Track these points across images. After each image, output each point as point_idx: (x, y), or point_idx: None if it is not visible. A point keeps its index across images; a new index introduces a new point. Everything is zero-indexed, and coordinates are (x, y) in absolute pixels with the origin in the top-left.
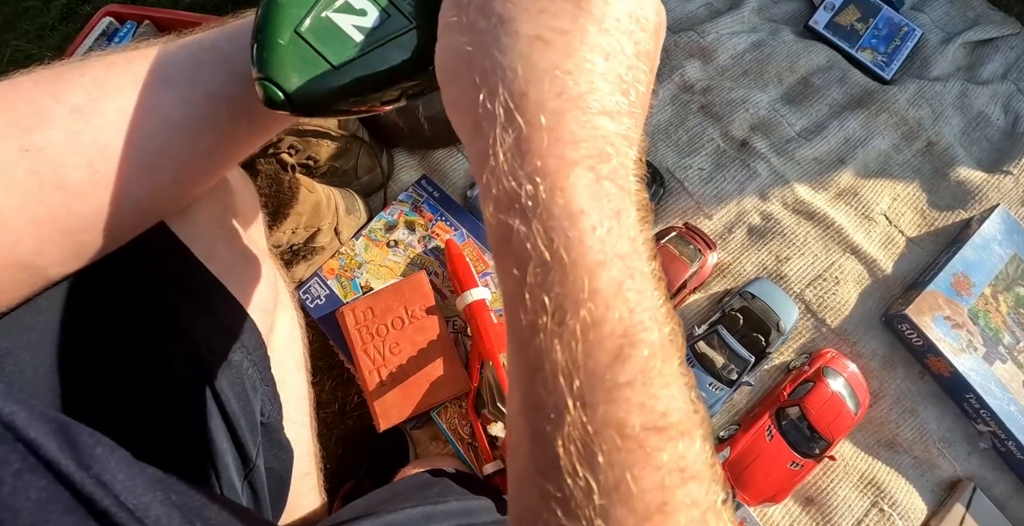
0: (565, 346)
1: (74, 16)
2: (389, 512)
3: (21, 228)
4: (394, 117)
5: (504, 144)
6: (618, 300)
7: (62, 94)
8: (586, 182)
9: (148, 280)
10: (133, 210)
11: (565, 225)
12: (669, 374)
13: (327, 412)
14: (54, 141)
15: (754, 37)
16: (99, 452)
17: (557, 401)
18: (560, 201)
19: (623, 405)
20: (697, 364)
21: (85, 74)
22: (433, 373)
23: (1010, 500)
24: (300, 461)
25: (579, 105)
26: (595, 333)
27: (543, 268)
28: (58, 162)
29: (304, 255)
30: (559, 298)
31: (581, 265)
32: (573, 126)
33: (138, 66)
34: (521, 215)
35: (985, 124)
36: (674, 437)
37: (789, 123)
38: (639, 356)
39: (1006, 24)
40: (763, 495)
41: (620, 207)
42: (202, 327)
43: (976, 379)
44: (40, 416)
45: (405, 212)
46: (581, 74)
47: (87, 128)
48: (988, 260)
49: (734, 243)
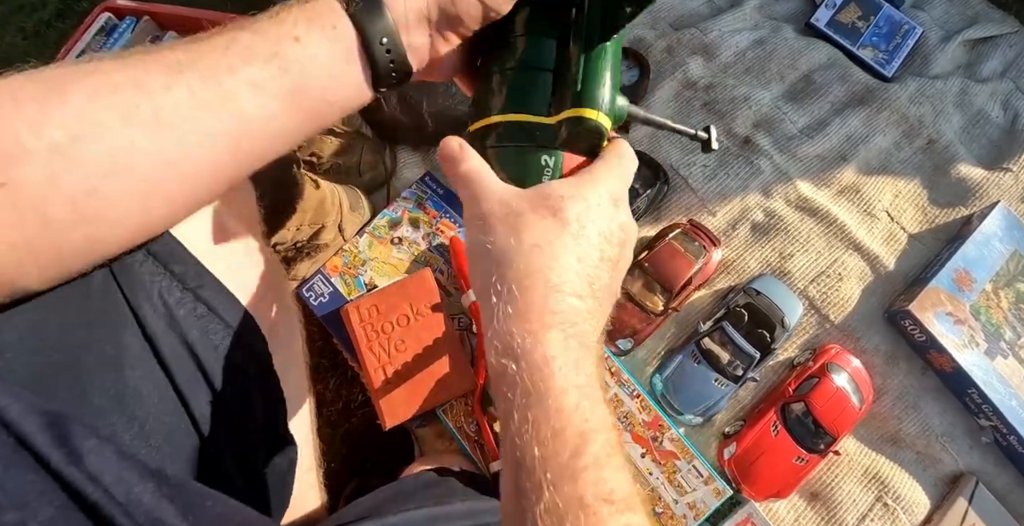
0: (540, 446)
1: (70, 13)
2: (393, 513)
3: (1, 253)
4: (397, 113)
5: (504, 312)
6: (576, 414)
7: (41, 127)
8: (558, 339)
9: (142, 278)
10: (122, 238)
11: (541, 366)
12: (614, 465)
13: (331, 410)
14: (33, 180)
15: (756, 34)
16: (90, 445)
17: (536, 484)
18: (540, 351)
19: (581, 484)
20: (703, 360)
21: (67, 102)
22: (439, 371)
23: (1011, 493)
24: (301, 457)
25: (558, 290)
26: (560, 437)
27: (526, 394)
28: (38, 200)
29: (308, 252)
30: (535, 414)
31: (551, 393)
32: (552, 303)
33: (124, 98)
34: (514, 359)
35: (985, 121)
36: (621, 508)
37: (791, 120)
38: (591, 451)
39: (1005, 22)
40: (769, 490)
41: (580, 356)
42: (199, 323)
43: (978, 374)
44: (33, 409)
45: (409, 209)
46: (562, 271)
47: (68, 169)
48: (989, 256)
49: (738, 240)
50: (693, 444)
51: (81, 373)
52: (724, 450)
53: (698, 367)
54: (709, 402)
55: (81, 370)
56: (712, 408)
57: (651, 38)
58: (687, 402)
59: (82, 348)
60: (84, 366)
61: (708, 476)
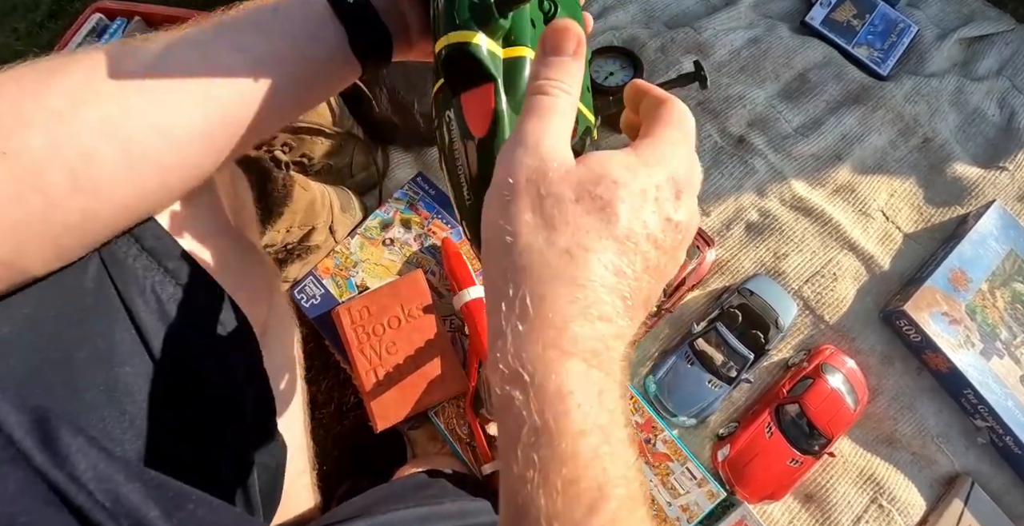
0: (548, 497)
1: (63, 13)
2: (384, 513)
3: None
4: (389, 114)
5: (514, 329)
6: (595, 462)
7: (43, 97)
8: (578, 370)
9: (136, 275)
10: (118, 214)
11: (555, 401)
12: (635, 521)
13: (323, 412)
14: (33, 146)
15: (751, 33)
16: (76, 446)
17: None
18: (555, 382)
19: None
20: (696, 361)
21: (68, 76)
22: (431, 372)
23: (1007, 494)
24: (294, 459)
25: (584, 313)
26: (574, 488)
27: (535, 432)
28: (37, 167)
29: (299, 254)
30: (545, 458)
31: (566, 433)
32: (576, 328)
33: (121, 68)
34: (522, 389)
35: (980, 120)
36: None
37: (786, 119)
38: (609, 508)
39: (1001, 20)
40: (763, 492)
41: (603, 387)
42: (191, 323)
43: (974, 374)
44: (19, 408)
45: (401, 210)
46: (592, 288)
47: (68, 134)
48: (985, 256)
49: (732, 240)
50: (687, 446)
51: (73, 368)
52: (718, 452)
53: (692, 368)
54: (703, 404)
55: (73, 365)
56: (706, 410)
57: (645, 37)
58: (680, 404)
59: (75, 343)
60: (76, 361)
61: (702, 478)
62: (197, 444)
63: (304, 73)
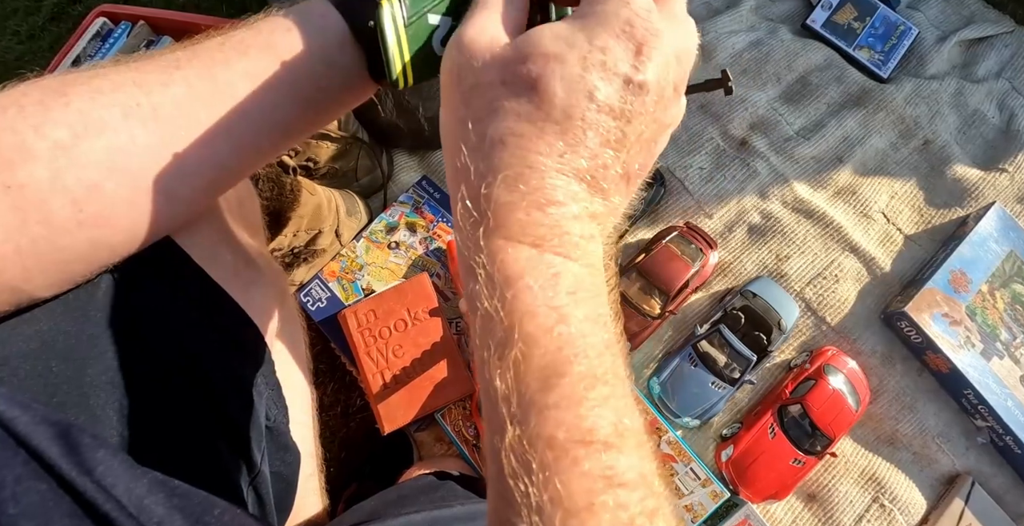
0: (502, 377)
1: (65, 16)
2: (394, 517)
3: (5, 256)
4: (394, 118)
5: (463, 228)
6: (546, 340)
7: (45, 127)
8: (526, 255)
9: (147, 288)
10: (126, 241)
11: (503, 286)
12: (597, 398)
13: (330, 415)
14: (37, 179)
15: (752, 36)
16: (100, 456)
17: (501, 420)
18: (501, 270)
19: (550, 423)
20: (700, 363)
21: (70, 103)
22: (437, 375)
23: (1007, 493)
24: (303, 463)
25: (528, 199)
26: (524, 366)
27: (488, 318)
28: (41, 200)
29: (305, 258)
30: (499, 341)
31: (513, 313)
32: (520, 215)
33: (124, 96)
34: (474, 279)
35: (980, 122)
36: (599, 449)
37: (788, 122)
38: (564, 384)
39: (1000, 22)
40: (766, 492)
41: (560, 270)
42: (204, 333)
43: (974, 375)
44: (42, 420)
45: (406, 213)
46: (533, 173)
47: (71, 166)
48: (985, 257)
49: (735, 242)
50: (690, 447)
51: (86, 383)
52: (721, 452)
53: (695, 370)
54: (706, 405)
55: (86, 380)
56: (709, 411)
57: None
58: (684, 405)
59: (88, 358)
60: (90, 375)
61: (705, 478)
62: (212, 456)
63: (318, 97)
